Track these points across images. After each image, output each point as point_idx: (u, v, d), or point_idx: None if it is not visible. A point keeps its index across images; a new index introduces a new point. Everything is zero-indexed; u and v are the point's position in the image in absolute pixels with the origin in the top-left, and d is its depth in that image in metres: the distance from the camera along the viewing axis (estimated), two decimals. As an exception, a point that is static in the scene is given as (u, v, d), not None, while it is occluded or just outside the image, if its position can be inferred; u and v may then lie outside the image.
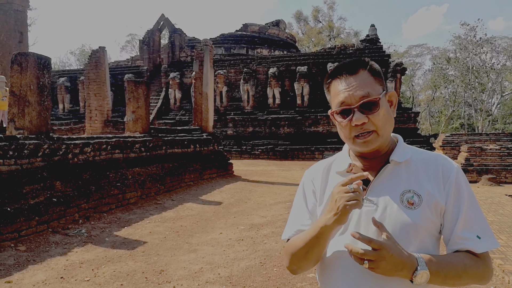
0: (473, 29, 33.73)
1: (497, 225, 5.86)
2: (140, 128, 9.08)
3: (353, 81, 1.12)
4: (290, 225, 1.25)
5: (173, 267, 4.26)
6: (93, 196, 6.34)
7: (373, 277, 1.04)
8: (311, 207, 1.23)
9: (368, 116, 1.10)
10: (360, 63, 1.14)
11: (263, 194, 8.99)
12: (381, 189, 1.12)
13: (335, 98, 1.15)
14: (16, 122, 5.86)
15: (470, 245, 1.07)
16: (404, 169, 1.14)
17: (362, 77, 1.12)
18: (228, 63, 22.44)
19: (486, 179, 10.79)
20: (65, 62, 51.55)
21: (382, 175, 1.14)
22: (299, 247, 1.13)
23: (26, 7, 15.61)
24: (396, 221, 1.07)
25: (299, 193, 1.29)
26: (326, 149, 17.97)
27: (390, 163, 1.14)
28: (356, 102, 1.10)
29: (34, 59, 5.93)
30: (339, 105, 1.13)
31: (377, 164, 1.17)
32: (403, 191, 1.10)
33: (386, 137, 1.15)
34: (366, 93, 1.10)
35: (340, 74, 1.14)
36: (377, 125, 1.10)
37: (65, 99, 23.54)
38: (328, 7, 48.01)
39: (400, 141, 1.21)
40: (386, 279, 1.04)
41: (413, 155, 1.17)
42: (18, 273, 3.96)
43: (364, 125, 1.10)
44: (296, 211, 1.26)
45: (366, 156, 1.18)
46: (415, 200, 1.08)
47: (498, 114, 37.91)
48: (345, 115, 1.12)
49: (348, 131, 1.13)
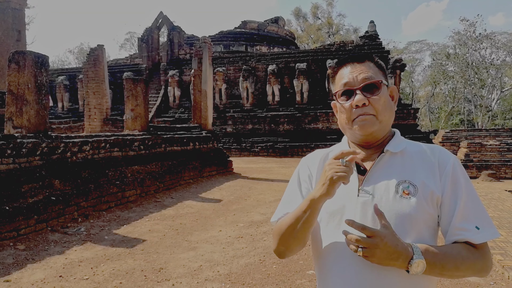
0: (473, 24, 33.66)
1: (497, 220, 5.86)
2: (139, 126, 9.06)
3: (358, 66, 1.17)
4: (280, 207, 1.25)
5: (172, 265, 4.25)
6: (92, 195, 6.33)
7: (370, 268, 1.04)
8: (305, 192, 1.23)
9: (369, 98, 1.13)
10: (367, 55, 1.20)
11: (263, 191, 8.99)
12: (377, 179, 1.12)
13: (340, 81, 1.18)
14: (14, 121, 5.84)
15: (468, 236, 1.06)
16: (400, 160, 1.15)
17: (368, 65, 1.17)
18: (227, 61, 22.39)
19: (486, 175, 10.79)
20: (64, 61, 51.51)
21: (377, 165, 1.14)
22: (287, 224, 1.12)
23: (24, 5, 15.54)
24: (392, 211, 1.07)
25: (293, 178, 1.29)
26: (325, 146, 17.80)
27: (385, 153, 1.15)
28: (359, 83, 1.14)
29: (32, 58, 5.90)
30: (342, 86, 1.17)
31: (374, 154, 1.18)
32: (398, 181, 1.10)
33: (385, 125, 1.16)
34: (369, 76, 1.15)
35: (347, 62, 1.20)
36: (377, 109, 1.13)
37: (64, 97, 23.50)
38: (327, 3, 47.90)
39: (397, 134, 1.22)
40: (383, 269, 1.03)
41: (408, 146, 1.18)
42: (17, 272, 3.96)
43: (364, 108, 1.12)
44: (288, 194, 1.27)
45: (363, 145, 1.19)
46: (411, 190, 1.08)
47: (498, 109, 37.88)
48: (347, 97, 1.16)
49: (349, 114, 1.15)
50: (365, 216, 1.08)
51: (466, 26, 34.09)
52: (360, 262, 1.04)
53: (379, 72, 1.17)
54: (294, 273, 3.94)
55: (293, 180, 1.28)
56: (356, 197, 1.12)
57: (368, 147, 1.19)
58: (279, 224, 1.18)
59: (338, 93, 1.18)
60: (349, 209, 1.11)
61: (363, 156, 1.18)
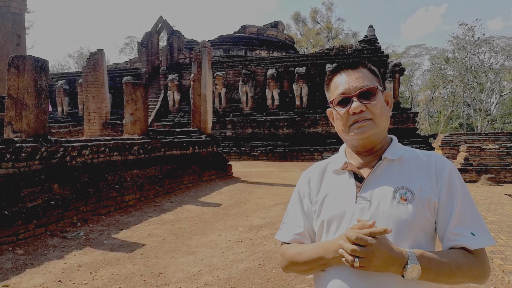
0: (471, 29, 33.76)
1: (497, 224, 5.84)
2: (138, 130, 9.07)
3: (353, 74, 1.18)
4: (286, 228, 1.27)
5: (172, 269, 4.24)
6: (92, 199, 6.32)
7: (366, 274, 1.04)
8: (306, 209, 1.25)
9: (366, 105, 1.14)
10: (360, 62, 1.22)
11: (262, 195, 8.97)
12: (374, 186, 1.13)
13: (335, 90, 1.19)
14: (13, 125, 5.84)
15: (464, 241, 1.06)
16: (397, 166, 1.16)
17: (362, 72, 1.19)
18: (227, 65, 22.44)
19: (486, 179, 10.78)
20: (64, 65, 51.54)
21: (375, 172, 1.15)
22: (300, 262, 1.17)
23: (24, 10, 15.57)
24: (389, 217, 1.08)
25: (294, 196, 1.31)
26: (325, 150, 17.97)
27: (383, 160, 1.16)
28: (355, 91, 1.15)
29: (32, 62, 5.91)
30: (338, 95, 1.18)
31: (372, 161, 1.18)
32: (396, 187, 1.11)
33: (382, 130, 1.17)
34: (365, 84, 1.16)
35: (341, 69, 1.21)
36: (374, 113, 1.14)
37: (64, 101, 23.53)
38: (326, 8, 48.10)
39: (394, 141, 1.23)
40: (378, 275, 1.03)
41: (406, 153, 1.19)
42: (15, 276, 3.94)
43: (362, 113, 1.13)
44: (291, 214, 1.28)
45: (361, 151, 1.20)
46: (408, 196, 1.09)
47: (497, 113, 37.93)
48: (344, 104, 1.17)
49: (345, 120, 1.16)
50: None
51: (465, 31, 34.23)
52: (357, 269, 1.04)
53: (373, 78, 1.19)
54: (294, 277, 3.93)
55: (294, 198, 1.30)
56: (354, 204, 1.13)
57: (366, 153, 1.20)
58: (290, 253, 1.21)
59: (334, 102, 1.19)
60: (347, 215, 1.12)
61: (360, 164, 1.19)
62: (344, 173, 1.20)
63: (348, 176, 1.18)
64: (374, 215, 1.09)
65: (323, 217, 1.17)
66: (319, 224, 1.18)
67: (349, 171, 1.19)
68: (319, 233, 1.19)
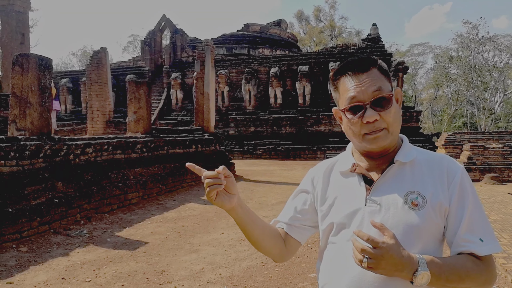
0: (476, 27, 33.63)
1: (500, 224, 5.83)
2: (141, 129, 9.09)
3: (365, 77, 1.10)
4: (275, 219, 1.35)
5: (175, 267, 4.25)
6: (95, 197, 6.35)
7: (373, 276, 1.03)
8: (297, 203, 1.30)
9: (380, 113, 1.08)
10: (371, 60, 1.13)
11: (265, 194, 8.98)
12: (385, 189, 1.11)
13: (345, 94, 1.12)
14: (17, 123, 5.87)
15: (473, 247, 1.05)
16: (409, 170, 1.13)
17: (373, 74, 1.11)
18: (230, 63, 22.44)
19: (489, 178, 10.74)
20: (67, 63, 51.70)
21: (386, 176, 1.12)
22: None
23: (28, 8, 15.64)
24: (399, 222, 1.06)
25: (295, 191, 1.33)
26: (328, 149, 17.95)
27: (395, 164, 1.13)
28: (368, 98, 1.08)
29: (35, 60, 5.93)
30: (350, 101, 1.10)
31: (382, 164, 1.15)
32: (407, 191, 1.09)
33: (395, 136, 1.14)
34: (378, 87, 1.09)
35: (350, 71, 1.12)
36: (388, 122, 1.09)
37: (67, 100, 23.61)
38: (330, 6, 47.98)
39: (405, 142, 1.19)
40: (386, 279, 1.02)
41: (418, 155, 1.15)
42: (19, 274, 3.97)
43: (375, 123, 1.08)
44: (285, 207, 1.34)
45: (373, 155, 1.16)
46: (419, 201, 1.07)
47: (501, 112, 37.78)
48: (355, 112, 1.10)
49: (358, 128, 1.11)
50: (371, 226, 1.06)
51: (469, 29, 34.10)
52: (364, 272, 1.02)
53: (385, 79, 1.12)
54: (296, 276, 3.94)
55: (294, 193, 1.34)
56: (364, 207, 1.11)
57: (377, 156, 1.16)
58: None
59: (345, 108, 1.12)
60: (356, 218, 1.11)
61: (369, 166, 1.17)
62: (352, 175, 1.17)
63: (357, 179, 1.16)
64: (384, 219, 1.07)
65: (332, 219, 1.15)
66: (327, 225, 1.17)
67: (358, 174, 1.16)
68: (326, 234, 1.18)
